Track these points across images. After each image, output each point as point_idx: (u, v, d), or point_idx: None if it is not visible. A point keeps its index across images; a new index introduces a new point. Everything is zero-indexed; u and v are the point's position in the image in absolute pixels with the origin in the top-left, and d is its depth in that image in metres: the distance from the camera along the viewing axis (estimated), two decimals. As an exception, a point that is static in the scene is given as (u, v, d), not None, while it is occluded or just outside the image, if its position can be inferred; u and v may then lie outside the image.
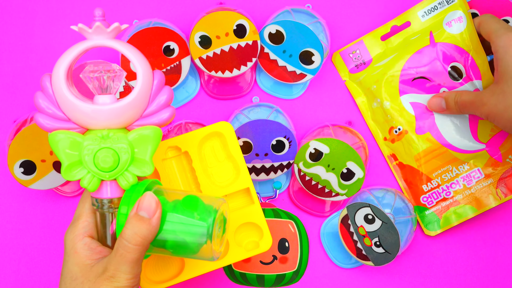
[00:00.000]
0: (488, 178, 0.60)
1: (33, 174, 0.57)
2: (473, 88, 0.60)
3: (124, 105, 0.42)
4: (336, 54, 0.63)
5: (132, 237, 0.40)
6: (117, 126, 0.43)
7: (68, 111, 0.42)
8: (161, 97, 0.43)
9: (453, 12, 0.60)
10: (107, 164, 0.42)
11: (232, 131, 0.52)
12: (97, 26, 0.41)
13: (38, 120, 0.43)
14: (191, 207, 0.43)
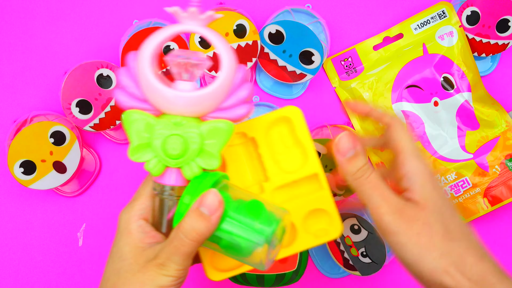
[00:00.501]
0: (476, 188, 0.61)
1: (33, 174, 0.57)
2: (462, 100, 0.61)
3: (203, 95, 0.41)
4: (328, 60, 0.63)
5: (189, 232, 0.39)
6: (192, 114, 0.42)
7: (148, 92, 0.41)
8: (241, 92, 0.42)
9: (445, 27, 0.62)
10: (175, 151, 0.41)
11: (300, 115, 0.49)
12: (192, 11, 0.41)
13: (117, 96, 0.42)
14: (254, 212, 0.41)
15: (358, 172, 0.40)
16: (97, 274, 0.62)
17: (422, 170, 0.40)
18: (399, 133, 0.42)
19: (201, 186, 0.40)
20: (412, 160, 0.41)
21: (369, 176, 0.40)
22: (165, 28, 0.41)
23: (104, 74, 0.59)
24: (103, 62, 0.58)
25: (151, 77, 0.40)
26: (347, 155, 0.41)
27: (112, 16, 0.64)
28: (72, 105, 0.58)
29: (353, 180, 0.40)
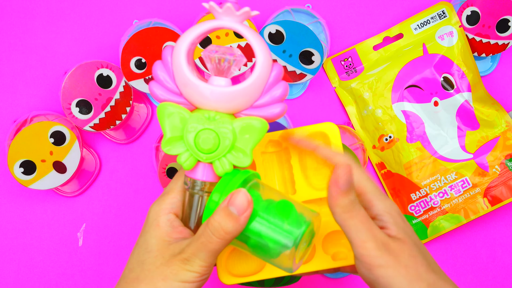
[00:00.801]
0: (476, 188, 0.61)
1: (33, 174, 0.57)
2: (462, 100, 0.61)
3: (237, 90, 0.40)
4: (328, 60, 0.63)
5: (217, 230, 0.39)
6: (226, 110, 0.41)
7: (183, 87, 0.41)
8: (275, 90, 0.42)
9: (445, 27, 0.62)
10: (206, 146, 0.41)
11: (337, 133, 0.48)
12: (227, 7, 0.40)
13: (152, 89, 0.42)
14: (284, 213, 0.40)
15: (350, 206, 0.39)
16: (97, 274, 0.62)
17: (391, 209, 0.41)
18: (359, 173, 0.42)
19: (231, 184, 0.40)
20: (381, 201, 0.41)
21: (359, 210, 0.39)
22: (201, 24, 0.41)
23: (104, 74, 0.59)
24: (103, 62, 0.58)
25: (187, 72, 0.40)
26: (345, 187, 0.39)
27: (112, 16, 0.64)
28: (72, 105, 0.58)
29: (342, 213, 0.39)
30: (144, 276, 0.40)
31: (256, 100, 0.41)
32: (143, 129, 0.63)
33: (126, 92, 0.59)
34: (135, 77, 0.59)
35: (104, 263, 0.62)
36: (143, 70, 0.59)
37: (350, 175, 0.39)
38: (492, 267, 0.63)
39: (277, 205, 0.41)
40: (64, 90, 0.58)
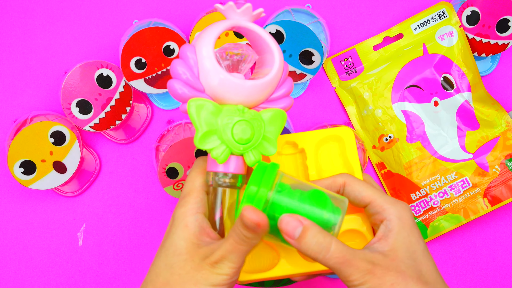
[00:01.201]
0: (476, 188, 0.61)
1: (33, 174, 0.58)
2: (462, 100, 0.61)
3: (262, 84, 0.42)
4: (328, 60, 0.63)
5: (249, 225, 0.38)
6: (249, 104, 0.43)
7: (212, 82, 0.42)
8: (286, 85, 0.45)
9: (445, 27, 0.62)
10: (245, 135, 0.42)
11: (352, 137, 0.50)
12: (247, 7, 0.43)
13: (174, 87, 0.42)
14: (319, 203, 0.40)
15: (315, 250, 0.38)
16: (97, 274, 0.62)
17: (402, 213, 0.41)
18: (358, 185, 0.43)
19: (266, 175, 0.40)
20: (391, 204, 0.41)
21: (328, 251, 0.38)
22: (222, 22, 0.43)
23: (104, 74, 0.59)
24: (103, 62, 0.58)
25: (219, 67, 0.41)
26: (295, 235, 0.38)
27: (112, 16, 0.64)
28: (72, 105, 0.58)
29: (315, 260, 0.38)
30: (174, 282, 0.38)
31: (271, 94, 0.44)
32: (143, 129, 0.63)
33: (126, 92, 0.59)
34: (135, 77, 0.59)
35: (104, 263, 0.62)
36: (143, 70, 0.59)
37: (293, 219, 0.38)
38: (492, 267, 0.63)
39: (310, 195, 0.41)
40: (64, 90, 0.58)
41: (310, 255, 0.38)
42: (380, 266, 0.38)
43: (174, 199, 0.62)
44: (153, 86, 0.60)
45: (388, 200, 0.42)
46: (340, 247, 0.38)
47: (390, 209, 0.41)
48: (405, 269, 0.39)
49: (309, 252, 0.38)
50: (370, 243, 0.41)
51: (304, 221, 0.38)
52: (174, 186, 0.58)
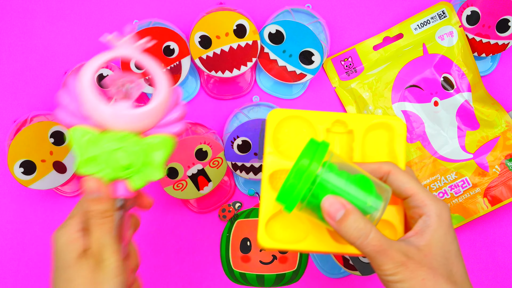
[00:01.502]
0: (476, 187, 0.61)
1: (33, 174, 0.58)
2: (462, 100, 0.61)
3: (143, 113, 0.44)
4: (328, 60, 0.63)
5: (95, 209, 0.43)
6: (134, 130, 0.45)
7: (93, 111, 0.44)
8: (175, 112, 0.47)
9: (445, 27, 0.62)
10: (124, 161, 0.44)
11: (404, 130, 0.49)
12: (126, 39, 0.46)
13: (60, 116, 0.45)
14: (364, 189, 0.40)
15: (354, 235, 0.39)
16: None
17: (443, 211, 0.41)
18: (403, 176, 0.43)
19: (319, 152, 0.40)
20: (433, 201, 0.41)
21: (366, 238, 0.39)
22: (104, 54, 0.45)
23: (104, 74, 0.59)
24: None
25: (97, 97, 0.44)
26: (337, 217, 0.39)
27: (112, 16, 0.64)
28: None
29: (352, 244, 0.39)
30: None
31: (159, 121, 0.46)
32: None
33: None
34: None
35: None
36: (143, 70, 0.59)
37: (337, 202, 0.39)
38: (492, 267, 0.63)
39: (357, 180, 0.41)
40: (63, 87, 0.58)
41: (348, 239, 0.39)
42: (413, 260, 0.39)
43: (174, 199, 0.63)
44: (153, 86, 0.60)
45: (430, 196, 0.42)
46: (379, 236, 0.39)
47: (431, 206, 0.41)
48: (437, 266, 0.39)
49: (348, 235, 0.39)
50: (406, 236, 0.41)
51: (347, 205, 0.39)
52: (174, 186, 0.58)
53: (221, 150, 0.59)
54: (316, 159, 0.40)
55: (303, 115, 0.48)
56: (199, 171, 0.58)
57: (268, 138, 0.48)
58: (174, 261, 0.62)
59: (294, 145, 0.49)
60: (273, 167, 0.47)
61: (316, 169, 0.39)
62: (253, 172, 0.59)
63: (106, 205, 0.43)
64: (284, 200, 0.40)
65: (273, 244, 0.46)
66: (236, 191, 0.63)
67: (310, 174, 0.39)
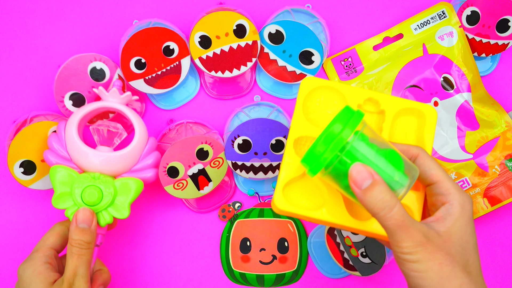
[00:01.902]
0: (475, 188, 0.61)
1: (33, 174, 0.58)
2: (462, 100, 0.61)
3: (116, 157, 0.52)
4: (328, 60, 0.63)
5: (81, 244, 0.48)
6: (108, 173, 0.52)
7: (74, 153, 0.52)
8: (149, 159, 0.54)
9: (445, 27, 0.62)
10: (92, 199, 0.51)
11: (434, 118, 0.49)
12: (113, 90, 0.54)
13: (47, 156, 0.53)
14: (393, 163, 0.40)
15: (379, 206, 0.38)
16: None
17: (466, 202, 0.41)
18: (431, 162, 0.43)
19: (353, 119, 0.39)
20: (458, 191, 0.42)
21: (390, 211, 0.38)
22: (90, 104, 0.54)
23: (97, 67, 0.59)
24: (97, 55, 0.58)
25: (78, 141, 0.52)
26: (363, 185, 0.39)
27: (112, 16, 0.64)
28: (65, 98, 0.58)
29: (374, 215, 0.39)
30: None
31: (133, 166, 0.54)
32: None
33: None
34: (135, 77, 0.59)
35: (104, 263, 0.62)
36: (143, 70, 0.59)
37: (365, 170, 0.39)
38: (492, 267, 0.63)
39: (387, 154, 0.40)
40: (58, 83, 0.58)
41: (371, 209, 0.39)
42: (432, 243, 0.39)
43: (174, 198, 0.63)
44: (153, 86, 0.60)
45: (455, 186, 0.42)
46: (402, 211, 0.38)
47: (455, 195, 0.41)
48: (455, 254, 0.39)
49: (372, 205, 0.38)
50: (427, 220, 0.41)
51: (375, 175, 0.39)
52: (175, 185, 0.58)
53: (222, 150, 0.59)
54: (349, 126, 0.39)
55: (338, 88, 0.48)
56: (199, 170, 0.58)
57: (299, 103, 0.48)
58: (174, 261, 0.62)
59: (324, 115, 0.49)
60: (300, 132, 0.47)
61: (347, 136, 0.39)
62: (253, 171, 0.59)
63: (90, 237, 0.49)
64: (309, 162, 0.40)
65: (288, 207, 0.46)
66: (236, 191, 0.63)
67: (341, 140, 0.39)
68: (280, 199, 0.46)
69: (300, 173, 0.47)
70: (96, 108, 0.54)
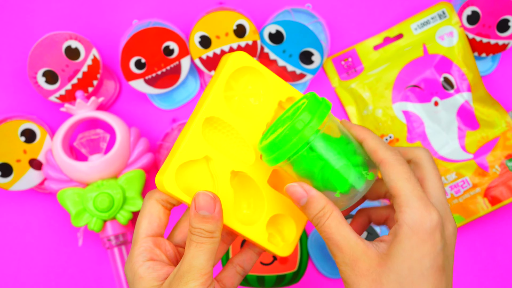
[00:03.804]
0: (476, 188, 0.61)
1: (10, 176, 0.57)
2: (463, 100, 0.61)
3: (107, 159, 0.54)
4: (328, 60, 0.63)
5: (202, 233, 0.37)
6: (108, 176, 0.55)
7: (69, 173, 0.55)
8: (139, 147, 0.57)
9: (445, 27, 0.62)
10: (105, 205, 0.53)
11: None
12: (78, 102, 0.56)
13: (50, 186, 0.56)
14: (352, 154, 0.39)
15: (314, 219, 0.38)
16: (97, 274, 0.62)
17: (417, 224, 0.36)
18: (394, 172, 0.37)
19: (322, 107, 0.38)
20: (410, 211, 0.36)
21: (324, 223, 0.37)
22: (65, 122, 0.56)
23: (72, 46, 0.58)
24: (72, 34, 0.58)
25: (67, 160, 0.54)
26: (301, 203, 0.38)
27: (112, 16, 0.64)
28: (38, 74, 0.58)
29: (314, 226, 0.38)
30: None
31: (128, 160, 0.56)
32: (109, 105, 0.63)
33: (94, 66, 0.59)
34: (135, 77, 0.59)
35: (104, 263, 0.62)
36: (142, 70, 0.59)
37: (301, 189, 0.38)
38: (492, 267, 0.63)
39: (345, 153, 0.39)
40: (31, 59, 0.58)
41: (311, 221, 0.38)
42: (363, 264, 0.36)
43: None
44: (153, 86, 0.60)
45: (414, 202, 0.36)
46: (335, 223, 0.37)
47: (407, 213, 0.36)
48: (387, 282, 0.35)
49: (310, 219, 0.38)
50: (381, 239, 0.37)
51: (311, 191, 0.38)
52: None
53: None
54: (316, 120, 0.37)
55: (266, 75, 0.44)
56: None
57: (223, 79, 0.42)
58: (174, 262, 0.62)
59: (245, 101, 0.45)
60: (216, 111, 0.41)
61: (312, 133, 0.37)
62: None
63: (213, 225, 0.38)
64: (271, 151, 0.38)
65: (176, 191, 0.40)
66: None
67: (304, 136, 0.37)
68: (171, 179, 0.40)
69: (201, 157, 0.41)
70: (71, 125, 0.56)
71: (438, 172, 0.40)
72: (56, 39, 0.58)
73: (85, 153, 0.56)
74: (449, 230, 0.38)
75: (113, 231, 0.56)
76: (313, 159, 0.38)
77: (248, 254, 0.44)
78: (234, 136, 0.43)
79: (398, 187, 0.37)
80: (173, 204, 0.41)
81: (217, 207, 0.38)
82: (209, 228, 0.37)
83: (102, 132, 0.57)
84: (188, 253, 0.37)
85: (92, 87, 0.59)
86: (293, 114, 0.39)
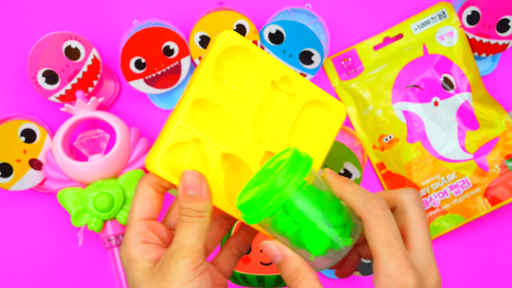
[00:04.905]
0: (476, 188, 0.61)
1: (11, 176, 0.57)
2: (462, 100, 0.61)
3: (107, 160, 0.54)
4: (328, 60, 0.63)
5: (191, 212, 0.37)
6: (108, 176, 0.55)
7: (69, 173, 0.55)
8: (138, 148, 0.57)
9: (445, 27, 0.62)
10: (104, 205, 0.53)
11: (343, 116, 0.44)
12: (78, 102, 0.56)
13: (50, 186, 0.55)
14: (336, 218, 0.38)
15: (288, 280, 0.38)
16: (97, 274, 0.62)
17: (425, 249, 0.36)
18: (372, 234, 0.36)
19: (302, 166, 0.37)
20: (386, 281, 0.35)
21: (297, 285, 0.37)
22: (65, 122, 0.56)
23: (72, 46, 0.58)
24: (72, 34, 0.58)
25: (67, 160, 0.54)
26: (276, 261, 0.38)
27: (112, 16, 0.64)
28: (38, 74, 0.58)
29: (288, 286, 0.38)
30: None
31: (128, 160, 0.56)
32: (109, 105, 0.63)
33: (94, 66, 0.59)
34: (135, 77, 0.59)
35: (104, 263, 0.62)
36: (142, 70, 0.59)
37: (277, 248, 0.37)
38: (492, 267, 0.63)
39: (327, 203, 0.38)
40: (31, 58, 0.58)
41: (285, 281, 0.38)
42: None
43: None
44: (153, 86, 0.60)
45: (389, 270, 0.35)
46: (308, 287, 0.37)
47: (383, 282, 0.35)
48: None
49: (284, 278, 0.38)
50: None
51: (285, 251, 0.37)
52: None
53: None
54: (296, 180, 0.36)
55: (258, 55, 0.42)
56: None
57: (212, 58, 0.41)
58: (174, 262, 0.62)
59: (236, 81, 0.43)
60: (205, 93, 0.40)
61: (291, 192, 0.36)
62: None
63: (202, 204, 0.38)
64: (249, 211, 0.37)
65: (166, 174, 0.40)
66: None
67: (287, 191, 0.36)
68: (161, 162, 0.40)
69: (190, 139, 0.41)
70: (71, 125, 0.56)
71: (425, 219, 0.38)
72: (56, 39, 0.58)
73: (85, 153, 0.56)
74: (430, 286, 0.37)
75: (113, 231, 0.56)
76: (287, 223, 0.37)
77: (243, 236, 0.45)
78: (224, 117, 0.43)
79: (376, 251, 0.36)
80: (165, 187, 0.41)
81: (203, 186, 0.38)
82: (197, 207, 0.38)
83: (102, 132, 0.57)
84: (178, 233, 0.38)
85: (92, 87, 0.59)
86: (273, 170, 0.37)
